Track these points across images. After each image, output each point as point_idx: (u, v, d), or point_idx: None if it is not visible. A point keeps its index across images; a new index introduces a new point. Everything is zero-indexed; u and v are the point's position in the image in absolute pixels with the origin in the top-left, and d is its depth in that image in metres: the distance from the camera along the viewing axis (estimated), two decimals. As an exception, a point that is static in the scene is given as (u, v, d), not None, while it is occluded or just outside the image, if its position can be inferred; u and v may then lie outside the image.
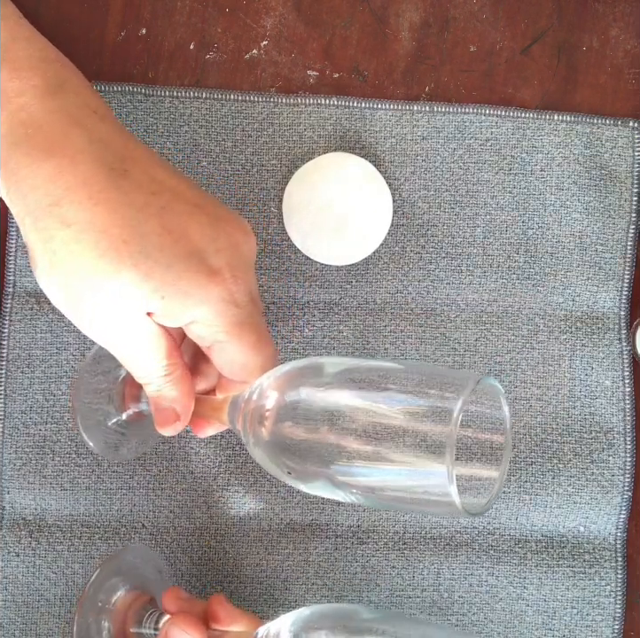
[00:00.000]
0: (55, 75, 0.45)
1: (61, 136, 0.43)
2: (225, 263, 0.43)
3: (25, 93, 0.44)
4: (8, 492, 0.55)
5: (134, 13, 0.56)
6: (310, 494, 0.55)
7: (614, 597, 0.56)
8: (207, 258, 0.43)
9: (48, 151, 0.42)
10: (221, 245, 0.43)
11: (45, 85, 0.44)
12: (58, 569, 0.55)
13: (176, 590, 0.50)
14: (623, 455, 0.56)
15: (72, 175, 0.42)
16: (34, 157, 0.42)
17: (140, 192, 0.43)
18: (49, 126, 0.43)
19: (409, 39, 0.57)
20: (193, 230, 0.43)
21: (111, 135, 0.44)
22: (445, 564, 0.55)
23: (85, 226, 0.41)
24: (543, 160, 0.56)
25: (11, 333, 0.55)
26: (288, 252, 0.56)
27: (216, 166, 0.56)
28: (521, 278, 0.56)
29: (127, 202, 0.42)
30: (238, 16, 0.57)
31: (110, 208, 0.42)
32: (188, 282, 0.42)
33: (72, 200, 0.42)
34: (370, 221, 0.56)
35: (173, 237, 0.42)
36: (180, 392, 0.45)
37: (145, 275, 0.41)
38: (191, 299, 0.42)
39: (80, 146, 0.43)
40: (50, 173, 0.42)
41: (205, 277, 0.42)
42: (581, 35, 0.57)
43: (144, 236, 0.42)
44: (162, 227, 0.42)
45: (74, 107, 0.44)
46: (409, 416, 0.39)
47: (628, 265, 0.57)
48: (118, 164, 0.43)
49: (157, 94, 0.56)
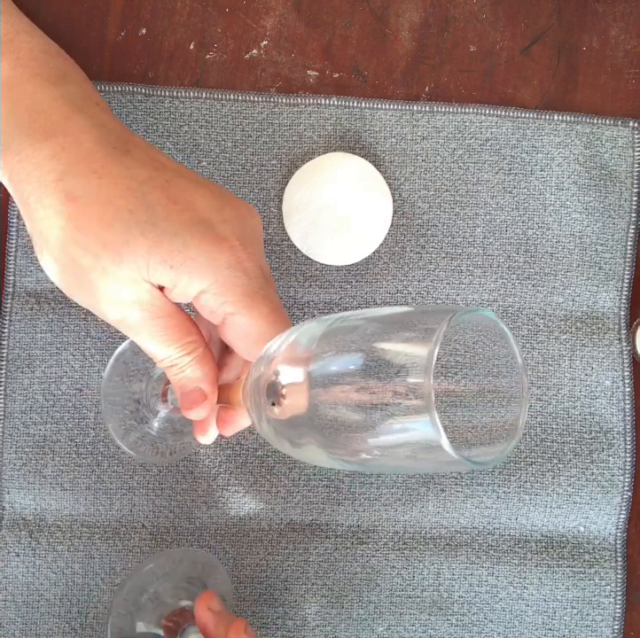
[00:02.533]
0: (57, 67, 0.45)
1: (64, 120, 0.43)
2: (232, 232, 0.42)
3: (28, 81, 0.44)
4: (8, 492, 0.55)
5: (134, 13, 0.56)
6: (310, 494, 0.55)
7: (614, 597, 0.56)
8: (214, 226, 0.42)
9: (50, 131, 0.42)
10: (227, 215, 0.43)
11: (48, 75, 0.44)
12: (58, 569, 0.55)
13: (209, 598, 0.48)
14: (623, 455, 0.56)
15: (75, 151, 0.42)
16: (36, 137, 0.42)
17: (143, 168, 0.42)
18: (52, 110, 0.43)
19: (409, 39, 0.57)
20: (199, 202, 0.42)
21: (112, 122, 0.45)
22: (445, 564, 0.55)
23: (90, 199, 0.41)
24: (543, 160, 0.56)
25: (11, 333, 0.55)
26: (288, 252, 0.56)
27: (216, 166, 0.56)
28: (521, 278, 0.56)
29: (130, 176, 0.42)
30: (238, 16, 0.57)
31: (114, 181, 0.41)
32: (195, 249, 0.41)
33: (75, 174, 0.41)
34: (370, 221, 0.56)
35: (179, 207, 0.42)
36: (204, 371, 0.44)
37: (153, 244, 0.41)
38: (198, 267, 0.41)
39: (82, 128, 0.43)
40: (54, 150, 0.42)
41: (212, 244, 0.42)
42: (581, 35, 0.57)
43: (149, 206, 0.41)
44: (167, 198, 0.42)
45: (76, 96, 0.45)
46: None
47: (628, 265, 0.57)
48: (120, 144, 0.43)
49: (157, 94, 0.56)
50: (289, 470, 0.55)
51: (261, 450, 0.55)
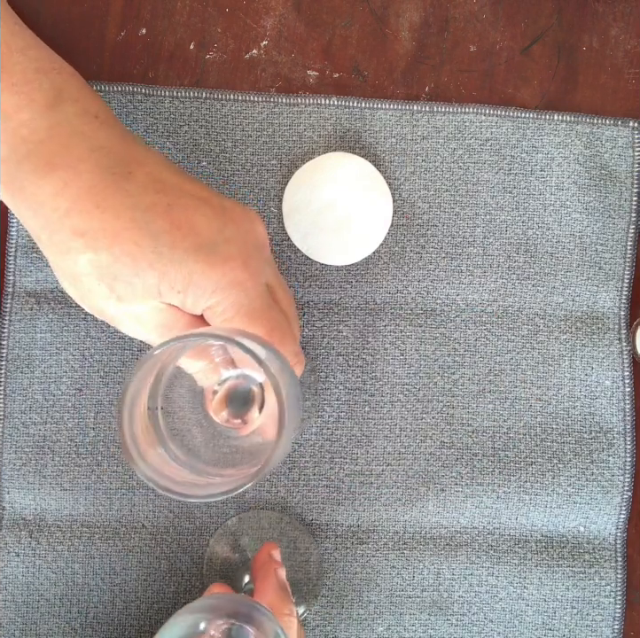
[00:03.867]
0: (52, 86, 0.45)
1: (62, 149, 0.43)
2: (235, 251, 0.44)
3: (24, 108, 0.44)
4: (8, 492, 0.55)
5: (134, 13, 0.56)
6: (310, 494, 0.55)
7: (614, 597, 0.56)
8: (217, 248, 0.43)
9: (50, 164, 0.43)
10: (229, 234, 0.44)
11: (43, 98, 0.44)
12: (58, 569, 0.55)
13: (270, 571, 0.49)
14: (623, 455, 0.56)
15: (76, 185, 0.43)
16: (37, 173, 0.43)
17: (145, 193, 0.43)
18: (49, 140, 0.44)
19: (409, 39, 0.57)
20: (200, 223, 0.44)
21: (112, 140, 0.45)
22: (445, 564, 0.55)
23: (97, 234, 0.42)
24: (543, 160, 0.56)
25: (11, 333, 0.55)
26: (288, 252, 0.56)
27: (216, 166, 0.56)
28: (521, 278, 0.56)
29: (133, 204, 0.43)
30: (238, 16, 0.57)
31: (117, 214, 0.43)
32: (199, 275, 0.43)
33: (80, 210, 0.43)
34: (370, 221, 0.56)
35: (182, 233, 0.43)
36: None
37: (161, 274, 0.43)
38: (202, 291, 0.43)
39: (81, 155, 0.43)
40: (56, 187, 0.43)
41: (215, 268, 0.43)
42: (581, 35, 0.57)
43: (154, 235, 0.43)
44: (171, 223, 0.43)
45: (73, 117, 0.45)
46: None
47: (628, 265, 0.57)
48: (120, 168, 0.44)
49: (157, 94, 0.56)
50: (289, 470, 0.55)
51: (261, 450, 0.55)
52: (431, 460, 0.56)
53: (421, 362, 0.56)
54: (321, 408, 0.55)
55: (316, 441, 0.55)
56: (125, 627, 0.55)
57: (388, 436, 0.56)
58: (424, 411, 0.56)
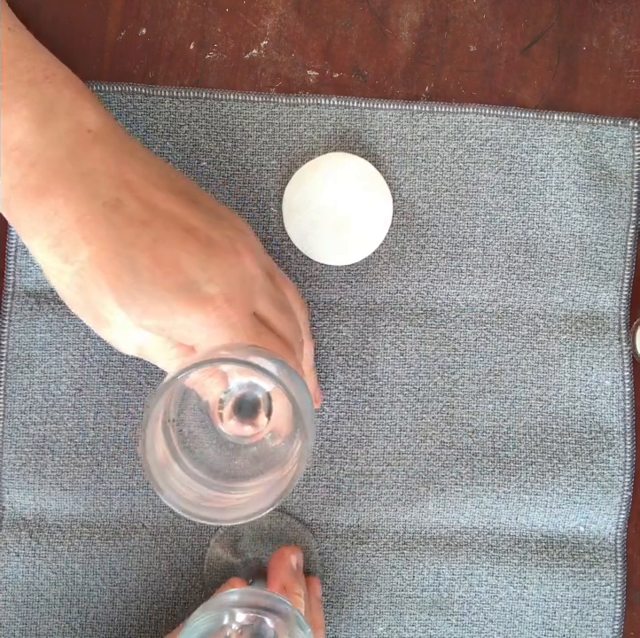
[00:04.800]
0: (43, 100, 0.45)
1: (53, 174, 0.44)
2: (219, 291, 0.44)
3: (16, 128, 0.44)
4: (8, 492, 0.55)
5: (134, 13, 0.56)
6: (310, 495, 0.55)
7: (614, 597, 0.56)
8: (200, 287, 0.44)
9: (42, 191, 0.44)
10: (212, 273, 0.44)
11: (35, 115, 0.44)
12: (58, 569, 0.55)
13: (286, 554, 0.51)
14: (623, 455, 0.56)
15: (65, 215, 0.43)
16: (29, 199, 0.44)
17: (131, 226, 0.44)
18: (41, 164, 0.44)
19: (409, 39, 0.57)
20: (184, 261, 0.44)
21: (105, 160, 0.45)
22: (445, 564, 0.55)
23: (84, 264, 0.43)
24: (543, 160, 0.56)
25: (11, 333, 0.55)
26: (288, 252, 0.56)
27: (216, 166, 0.56)
28: (521, 278, 0.56)
29: (119, 237, 0.43)
30: (238, 16, 0.57)
31: (103, 246, 0.43)
32: (182, 315, 0.43)
33: (69, 241, 0.43)
34: (370, 221, 0.56)
35: (164, 271, 0.43)
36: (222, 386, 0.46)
37: (142, 310, 0.43)
38: (187, 331, 0.44)
39: (72, 182, 0.44)
40: (46, 215, 0.44)
41: (198, 307, 0.43)
42: (581, 35, 0.57)
43: (135, 271, 0.43)
44: (153, 260, 0.43)
45: (65, 135, 0.45)
46: None
47: (628, 265, 0.57)
48: (110, 195, 0.44)
49: (157, 94, 0.56)
50: (289, 470, 0.55)
51: (261, 450, 0.55)
52: (431, 460, 0.56)
53: (421, 362, 0.56)
54: (321, 408, 0.55)
55: (316, 441, 0.55)
56: (125, 627, 0.55)
57: (388, 436, 0.56)
58: (424, 411, 0.56)
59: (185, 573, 0.55)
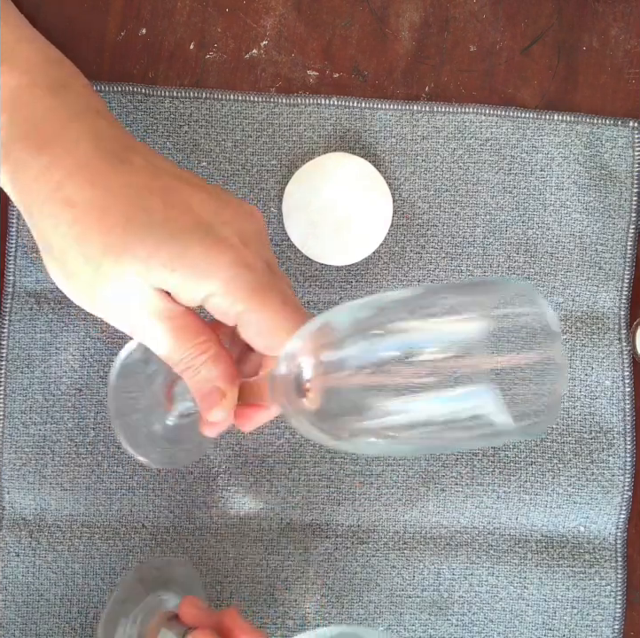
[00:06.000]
0: (57, 76, 0.45)
1: (60, 129, 0.43)
2: (232, 232, 0.42)
3: (26, 90, 0.44)
4: (8, 492, 0.55)
5: (134, 13, 0.56)
6: (310, 495, 0.55)
7: (614, 597, 0.56)
8: (214, 228, 0.42)
9: (47, 141, 0.43)
10: (226, 217, 0.42)
11: (47, 84, 0.44)
12: (58, 569, 0.55)
13: (194, 599, 0.49)
14: (623, 455, 0.56)
15: (70, 161, 0.42)
16: (33, 147, 0.43)
17: (140, 175, 0.42)
18: (48, 121, 0.43)
19: (409, 39, 0.57)
20: (197, 205, 0.42)
21: (111, 129, 0.44)
22: (445, 563, 0.55)
23: (88, 206, 0.41)
24: (543, 160, 0.56)
25: (11, 333, 0.55)
26: (288, 253, 0.56)
27: (216, 166, 0.56)
28: (521, 278, 0.56)
29: (127, 183, 0.42)
30: (238, 16, 0.57)
31: (110, 189, 0.42)
32: (197, 252, 0.41)
33: (73, 184, 0.42)
34: (370, 221, 0.56)
35: (176, 212, 0.41)
36: (219, 369, 0.43)
37: (153, 249, 0.41)
38: (201, 270, 0.41)
39: (79, 136, 0.43)
40: (50, 161, 0.42)
41: (212, 246, 0.41)
42: (581, 35, 0.57)
43: (146, 211, 0.41)
44: (164, 203, 0.42)
45: (74, 105, 0.44)
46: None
47: (628, 265, 0.57)
48: (117, 152, 0.43)
49: (157, 94, 0.56)
50: (289, 470, 0.55)
51: (261, 450, 0.55)
52: (431, 460, 0.56)
53: (421, 362, 0.56)
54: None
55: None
56: (125, 627, 0.55)
57: (388, 436, 0.56)
58: (424, 411, 0.56)
59: (185, 573, 0.55)
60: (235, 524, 0.55)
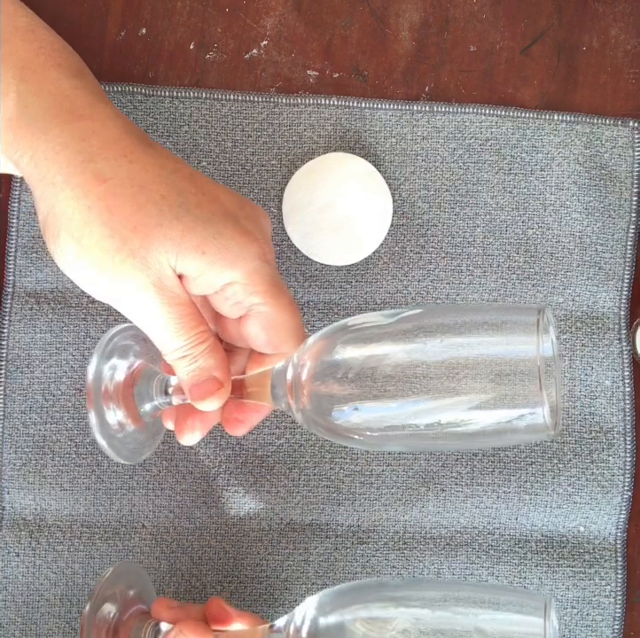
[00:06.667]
0: (76, 63, 0.46)
1: (89, 106, 0.44)
2: (255, 228, 0.44)
3: (51, 68, 0.44)
4: (8, 492, 0.55)
5: (134, 13, 0.56)
6: (310, 495, 0.55)
7: (614, 597, 0.56)
8: (239, 220, 0.43)
9: (77, 115, 0.43)
10: (248, 212, 0.44)
11: (69, 67, 0.45)
12: (58, 569, 0.55)
13: (165, 599, 0.50)
14: (623, 455, 0.56)
15: (104, 135, 0.43)
16: (64, 119, 0.43)
17: (169, 159, 0.44)
18: (76, 97, 0.44)
19: (409, 39, 0.57)
20: (222, 196, 0.44)
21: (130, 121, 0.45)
22: (445, 564, 0.55)
23: (122, 181, 0.41)
24: (543, 160, 0.56)
25: (11, 333, 0.55)
26: (288, 253, 0.56)
27: (216, 166, 0.56)
28: (521, 278, 0.56)
29: (160, 164, 0.43)
30: (238, 16, 0.57)
31: (144, 167, 0.42)
32: (229, 238, 0.42)
33: (107, 157, 0.42)
34: (371, 220, 0.56)
35: (208, 198, 0.43)
36: (217, 359, 0.44)
37: (187, 228, 0.41)
38: (232, 257, 0.42)
39: (108, 115, 0.44)
40: (83, 132, 0.42)
41: (244, 234, 0.43)
42: (581, 35, 0.57)
43: (181, 193, 0.42)
44: (196, 188, 0.43)
45: (96, 88, 0.45)
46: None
47: (628, 265, 0.57)
48: (143, 136, 0.44)
49: (157, 94, 0.56)
50: (289, 470, 0.55)
51: (261, 450, 0.55)
52: (431, 460, 0.56)
53: (421, 362, 0.56)
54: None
55: (316, 441, 0.55)
56: (125, 627, 0.55)
57: (388, 436, 0.56)
58: (424, 411, 0.56)
59: (185, 573, 0.55)
60: (235, 524, 0.55)
